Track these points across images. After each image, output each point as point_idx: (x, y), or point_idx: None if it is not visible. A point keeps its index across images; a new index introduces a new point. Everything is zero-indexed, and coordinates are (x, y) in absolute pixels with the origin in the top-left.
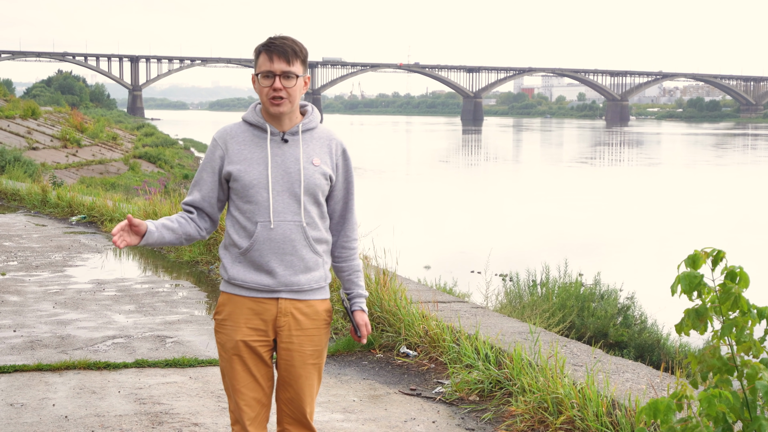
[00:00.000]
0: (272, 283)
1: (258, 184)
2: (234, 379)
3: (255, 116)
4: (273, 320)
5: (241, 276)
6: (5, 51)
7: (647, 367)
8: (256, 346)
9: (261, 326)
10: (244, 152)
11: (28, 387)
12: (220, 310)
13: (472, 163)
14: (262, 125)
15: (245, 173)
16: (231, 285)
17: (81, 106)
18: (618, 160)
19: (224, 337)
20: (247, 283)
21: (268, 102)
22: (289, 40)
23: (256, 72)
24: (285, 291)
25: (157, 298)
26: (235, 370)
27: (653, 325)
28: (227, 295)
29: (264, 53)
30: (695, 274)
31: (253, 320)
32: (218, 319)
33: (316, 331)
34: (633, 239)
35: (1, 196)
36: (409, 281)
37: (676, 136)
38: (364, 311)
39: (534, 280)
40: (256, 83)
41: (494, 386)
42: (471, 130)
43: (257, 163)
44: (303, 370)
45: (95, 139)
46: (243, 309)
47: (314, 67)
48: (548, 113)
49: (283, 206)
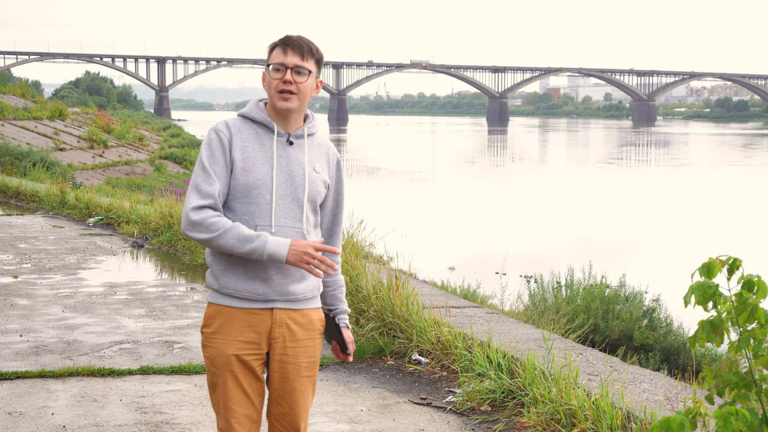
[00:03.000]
0: (267, 291)
1: (261, 186)
2: (225, 396)
3: (260, 113)
4: (267, 332)
5: (233, 285)
6: (33, 52)
7: (665, 377)
8: (249, 359)
9: (254, 339)
10: (248, 149)
11: (28, 395)
12: (208, 322)
13: (498, 163)
14: (268, 123)
15: (247, 172)
16: (221, 295)
17: (108, 107)
18: (645, 161)
19: (214, 351)
20: (240, 292)
21: (276, 96)
22: (306, 38)
23: (268, 64)
24: (280, 300)
25: (168, 302)
26: (227, 387)
27: (679, 327)
28: (217, 307)
29: (279, 47)
30: (709, 283)
31: (245, 333)
32: (206, 333)
33: (310, 342)
34: (659, 240)
35: (21, 197)
36: (423, 285)
37: (704, 136)
38: (349, 327)
39: (558, 282)
40: (266, 77)
41: (506, 396)
42: (497, 130)
43: (261, 163)
44: (297, 383)
45: (122, 140)
46: (235, 321)
47: (339, 67)
48: (574, 113)
49: (285, 211)
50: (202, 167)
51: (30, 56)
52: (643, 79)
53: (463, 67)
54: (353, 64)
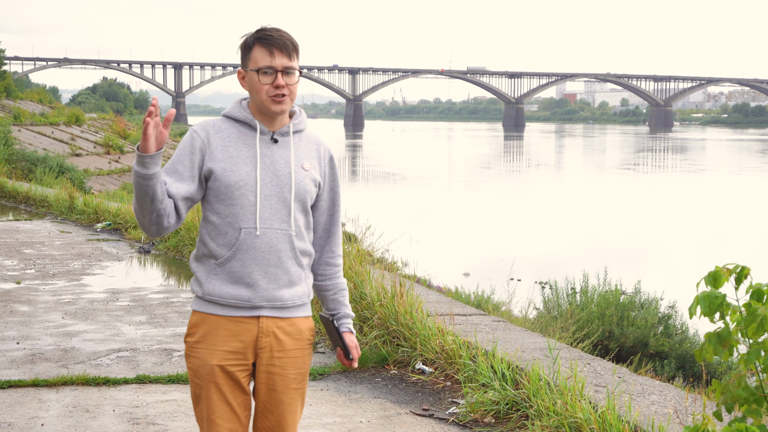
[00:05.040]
0: (252, 297)
1: (244, 186)
2: (209, 409)
3: (242, 111)
4: (253, 341)
5: (217, 290)
6: (51, 59)
7: (675, 388)
8: (234, 371)
9: (240, 348)
10: (229, 149)
11: (20, 404)
12: (192, 331)
13: (514, 169)
14: (250, 122)
15: (230, 172)
16: (205, 302)
17: (125, 112)
18: (661, 167)
19: (197, 362)
20: (224, 298)
21: (269, 101)
22: (284, 32)
23: (254, 68)
24: (267, 307)
25: (171, 308)
26: (210, 399)
27: (695, 335)
28: (201, 315)
29: (261, 46)
30: (716, 293)
31: (230, 342)
32: (190, 342)
33: (299, 353)
34: (676, 247)
35: (30, 202)
36: (429, 292)
37: (722, 142)
38: (353, 332)
39: (573, 288)
40: (250, 80)
41: (510, 408)
42: (513, 136)
43: (244, 162)
44: (285, 395)
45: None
46: (219, 330)
47: (356, 73)
48: (591, 119)
49: (271, 212)
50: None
51: (48, 62)
52: (660, 84)
53: (479, 73)
54: (369, 70)
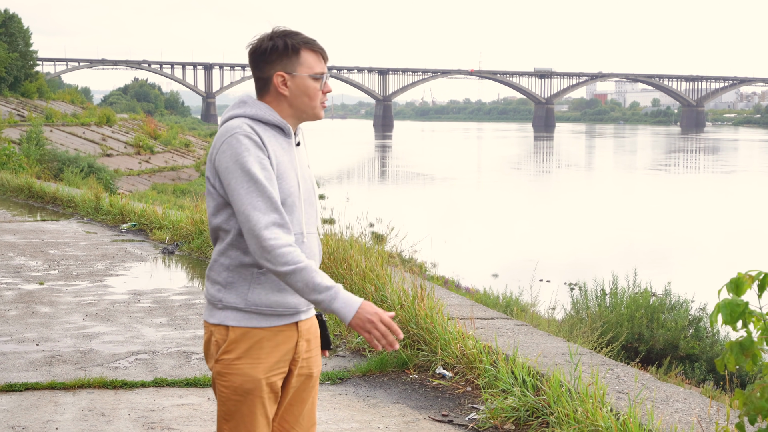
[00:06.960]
0: (298, 303)
1: (294, 193)
2: (251, 426)
3: (274, 115)
4: (293, 347)
5: (264, 300)
6: (83, 59)
7: (700, 395)
8: (276, 380)
9: (282, 357)
10: (278, 154)
11: (35, 407)
12: (230, 348)
13: (544, 170)
14: (284, 126)
15: (282, 180)
16: (247, 315)
17: (156, 113)
18: (693, 167)
19: (240, 378)
20: (272, 308)
21: (320, 107)
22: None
23: (309, 73)
24: (305, 311)
25: (192, 310)
26: (254, 416)
27: (726, 337)
28: (242, 330)
29: (311, 51)
30: (738, 301)
31: (273, 354)
32: (228, 359)
33: (317, 350)
34: (708, 248)
35: (57, 203)
36: (450, 295)
37: (755, 142)
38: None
39: (603, 290)
40: (302, 85)
41: (531, 414)
42: (543, 136)
43: (288, 168)
44: (308, 394)
45: (168, 146)
46: (263, 342)
47: (385, 73)
48: (621, 119)
49: (308, 218)
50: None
51: (80, 63)
52: (692, 84)
53: (509, 73)
54: (399, 70)
